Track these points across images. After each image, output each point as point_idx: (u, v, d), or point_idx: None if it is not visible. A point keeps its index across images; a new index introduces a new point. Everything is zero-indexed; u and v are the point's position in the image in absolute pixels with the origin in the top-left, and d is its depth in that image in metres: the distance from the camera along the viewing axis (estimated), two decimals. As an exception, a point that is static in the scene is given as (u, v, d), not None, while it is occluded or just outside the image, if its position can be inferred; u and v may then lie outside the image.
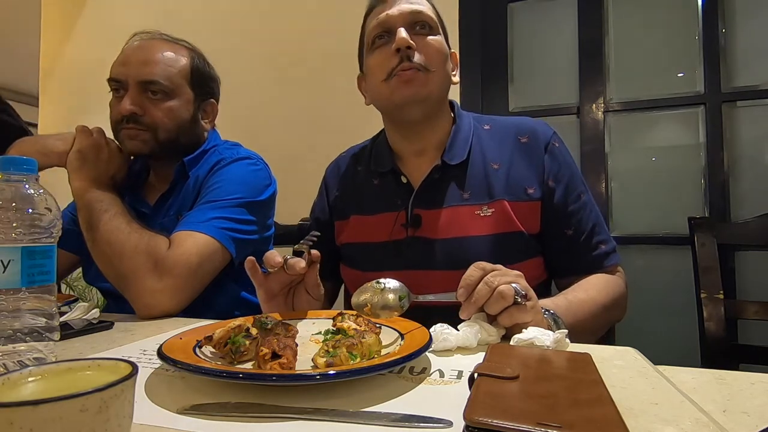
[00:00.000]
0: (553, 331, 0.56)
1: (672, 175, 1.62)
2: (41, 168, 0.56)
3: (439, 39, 0.83)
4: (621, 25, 1.69)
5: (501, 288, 0.56)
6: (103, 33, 2.30)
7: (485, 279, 0.57)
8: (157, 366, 0.50)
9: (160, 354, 0.45)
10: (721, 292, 0.96)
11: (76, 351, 0.59)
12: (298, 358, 0.46)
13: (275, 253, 0.66)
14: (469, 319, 0.58)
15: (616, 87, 1.69)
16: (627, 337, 1.46)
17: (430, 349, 0.51)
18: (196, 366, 0.43)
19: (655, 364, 0.50)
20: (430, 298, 0.63)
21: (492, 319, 0.59)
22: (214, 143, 1.04)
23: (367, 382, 0.44)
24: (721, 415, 0.38)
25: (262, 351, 0.45)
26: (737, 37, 1.56)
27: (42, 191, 0.50)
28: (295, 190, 1.36)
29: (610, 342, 1.00)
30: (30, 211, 0.48)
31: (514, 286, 0.57)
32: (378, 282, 0.64)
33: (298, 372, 0.44)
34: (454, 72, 0.88)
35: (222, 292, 0.94)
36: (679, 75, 1.63)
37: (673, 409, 0.38)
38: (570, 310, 0.70)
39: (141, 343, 0.61)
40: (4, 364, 0.45)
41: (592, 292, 0.76)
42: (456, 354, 0.53)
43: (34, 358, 0.47)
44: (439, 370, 0.48)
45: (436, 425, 0.35)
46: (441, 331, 0.54)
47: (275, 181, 1.03)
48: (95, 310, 0.76)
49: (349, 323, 0.56)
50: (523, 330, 0.54)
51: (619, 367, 0.49)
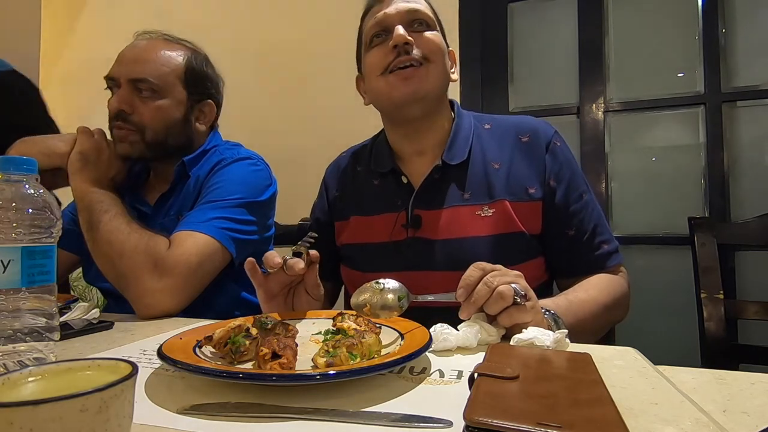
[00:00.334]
0: (554, 331, 0.56)
1: (672, 175, 1.62)
2: (42, 169, 0.56)
3: (437, 34, 0.83)
4: (621, 25, 1.69)
5: (500, 288, 0.56)
6: (103, 33, 2.29)
7: (485, 279, 0.57)
8: (157, 366, 0.50)
9: (160, 354, 0.45)
10: (721, 292, 0.96)
11: (76, 351, 0.59)
12: (298, 358, 0.46)
13: (274, 253, 0.66)
14: (468, 319, 0.58)
15: (616, 87, 1.69)
16: (627, 337, 1.46)
17: (430, 349, 0.51)
18: (196, 366, 0.43)
19: (655, 364, 0.50)
20: (429, 298, 0.63)
21: (492, 319, 0.59)
22: (214, 143, 1.04)
23: (367, 382, 0.44)
24: (721, 415, 0.38)
25: (262, 351, 0.45)
26: (737, 37, 1.56)
27: (42, 191, 0.50)
28: (295, 190, 1.36)
29: (610, 342, 1.00)
30: (30, 211, 0.48)
31: (513, 286, 0.57)
32: (377, 282, 0.64)
33: (298, 372, 0.44)
34: (452, 69, 0.88)
35: (222, 293, 0.94)
36: (679, 75, 1.63)
37: (673, 409, 0.38)
38: (570, 309, 0.69)
39: (141, 343, 0.61)
40: (4, 364, 0.45)
41: (593, 292, 0.76)
42: (456, 354, 0.53)
43: (34, 358, 0.47)
44: (439, 370, 0.48)
45: (436, 425, 0.35)
46: (441, 331, 0.54)
47: (276, 182, 1.03)
48: (95, 310, 0.76)
49: (349, 323, 0.56)
50: (523, 330, 0.54)
51: (619, 367, 0.49)
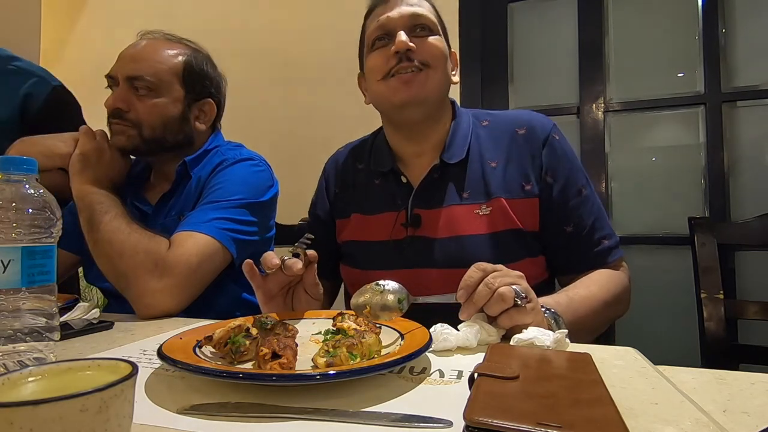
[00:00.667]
0: (554, 330, 0.56)
1: (672, 175, 1.62)
2: (42, 170, 0.56)
3: (439, 39, 0.83)
4: (621, 25, 1.69)
5: (501, 290, 0.56)
6: (103, 33, 2.30)
7: (485, 280, 0.57)
8: (157, 366, 0.50)
9: (160, 354, 0.45)
10: (721, 292, 0.96)
11: (76, 351, 0.59)
12: (298, 358, 0.46)
13: (272, 254, 0.66)
14: (469, 320, 0.58)
15: (616, 87, 1.69)
16: (627, 337, 1.46)
17: (430, 349, 0.51)
18: (196, 366, 0.43)
19: (655, 364, 0.50)
20: (429, 299, 0.62)
21: (492, 320, 0.58)
22: (216, 144, 1.04)
23: (367, 382, 0.44)
24: (721, 415, 0.38)
25: (262, 351, 0.45)
26: (737, 37, 1.56)
27: (42, 191, 0.50)
28: (295, 190, 1.36)
29: (610, 342, 1.01)
30: (30, 211, 0.48)
31: (514, 288, 0.56)
32: (377, 284, 0.64)
33: (298, 372, 0.44)
34: (453, 72, 0.88)
35: (223, 293, 0.94)
36: (679, 75, 1.63)
37: (673, 409, 0.38)
38: (571, 307, 0.69)
39: (141, 343, 0.61)
40: (4, 364, 0.45)
41: (593, 288, 0.76)
42: (456, 354, 0.53)
43: (34, 358, 0.47)
44: (439, 370, 0.48)
45: (436, 425, 0.35)
46: (441, 331, 0.54)
47: (277, 183, 1.03)
48: (95, 310, 0.76)
49: (349, 323, 0.56)
50: (523, 330, 0.54)
51: (619, 367, 0.49)
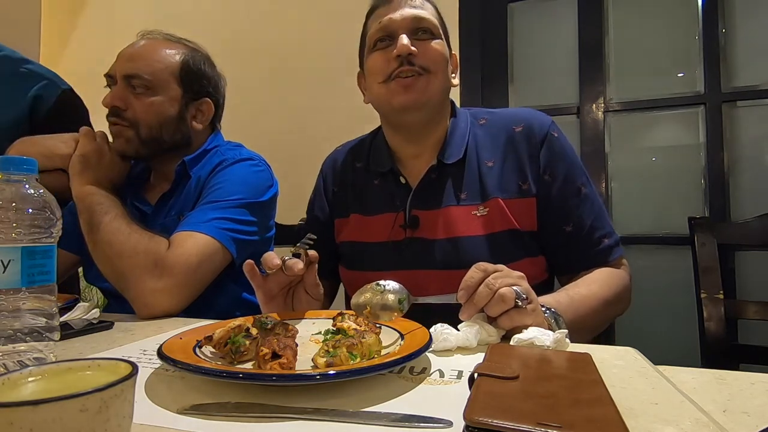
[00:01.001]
0: (554, 330, 0.56)
1: (672, 175, 1.62)
2: (42, 170, 0.56)
3: (441, 43, 0.83)
4: (621, 25, 1.69)
5: (502, 291, 0.56)
6: (103, 33, 2.30)
7: (486, 281, 0.57)
8: (157, 366, 0.50)
9: (160, 354, 0.45)
10: (721, 292, 0.96)
11: (76, 351, 0.59)
12: (298, 358, 0.46)
13: (273, 255, 0.66)
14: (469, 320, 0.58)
15: (616, 87, 1.69)
16: (627, 337, 1.46)
17: (430, 349, 0.51)
18: (196, 366, 0.43)
19: (655, 364, 0.50)
20: (430, 300, 0.62)
21: (492, 320, 0.58)
22: (216, 144, 1.04)
23: (367, 382, 0.44)
24: (721, 415, 0.38)
25: (262, 351, 0.45)
26: (737, 37, 1.56)
27: (42, 191, 0.50)
28: (295, 190, 1.36)
29: (610, 342, 1.01)
30: (30, 211, 0.48)
31: (515, 289, 0.56)
32: (378, 284, 0.64)
33: (298, 372, 0.44)
34: (453, 74, 0.88)
35: (223, 293, 0.94)
36: (679, 75, 1.63)
37: (673, 409, 0.38)
38: (572, 306, 0.69)
39: (141, 343, 0.61)
40: (4, 364, 0.45)
41: (594, 287, 0.75)
42: (456, 354, 0.53)
43: (34, 358, 0.47)
44: (439, 370, 0.48)
45: (436, 425, 0.35)
46: (441, 331, 0.54)
47: (277, 183, 1.03)
48: (95, 310, 0.76)
49: (349, 323, 0.56)
50: (524, 330, 0.54)
51: (619, 367, 0.49)
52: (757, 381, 0.46)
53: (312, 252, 0.68)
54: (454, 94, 1.63)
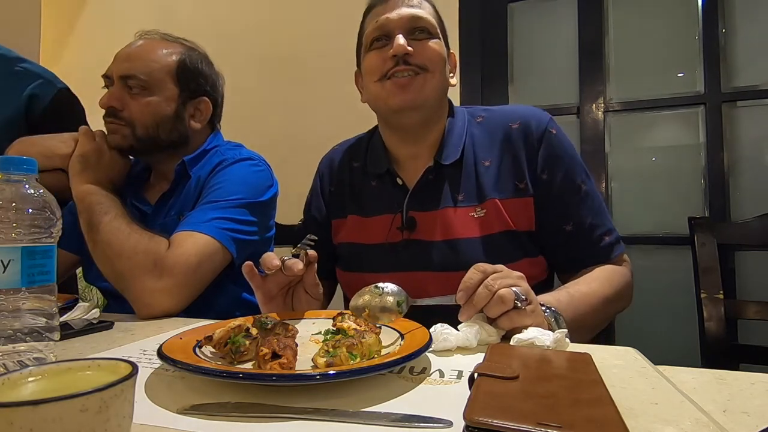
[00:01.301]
0: (554, 329, 0.56)
1: (672, 175, 1.62)
2: (42, 170, 0.56)
3: (438, 42, 0.82)
4: (621, 25, 1.69)
5: (501, 292, 0.56)
6: (103, 33, 2.30)
7: (485, 282, 0.57)
8: (157, 366, 0.50)
9: (160, 354, 0.45)
10: (721, 292, 0.96)
11: (76, 351, 0.59)
12: (298, 358, 0.46)
13: (272, 255, 0.66)
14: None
15: (616, 87, 1.69)
16: (627, 337, 1.46)
17: (430, 349, 0.51)
18: (196, 366, 0.43)
19: (655, 364, 0.50)
20: (428, 301, 0.62)
21: (492, 321, 0.58)
22: (216, 144, 1.04)
23: (367, 382, 0.44)
24: (721, 415, 0.38)
25: (262, 351, 0.45)
26: (737, 37, 1.56)
27: (42, 191, 0.50)
28: (295, 190, 1.36)
29: (610, 342, 1.01)
30: (30, 211, 0.48)
31: (514, 290, 0.56)
32: (377, 286, 0.63)
33: (298, 372, 0.44)
34: (451, 74, 0.87)
35: (223, 293, 0.94)
36: (679, 75, 1.63)
37: (673, 409, 0.38)
38: (572, 304, 0.69)
39: (141, 343, 0.61)
40: (4, 364, 0.45)
41: (595, 284, 0.75)
42: (456, 354, 0.53)
43: (34, 358, 0.47)
44: (439, 370, 0.48)
45: (436, 425, 0.35)
46: (441, 331, 0.54)
47: (277, 183, 1.03)
48: (95, 310, 0.76)
49: (349, 323, 0.56)
50: (523, 330, 0.54)
51: (619, 367, 0.49)
52: (757, 381, 0.46)
53: (311, 252, 0.68)
54: (454, 94, 1.64)
